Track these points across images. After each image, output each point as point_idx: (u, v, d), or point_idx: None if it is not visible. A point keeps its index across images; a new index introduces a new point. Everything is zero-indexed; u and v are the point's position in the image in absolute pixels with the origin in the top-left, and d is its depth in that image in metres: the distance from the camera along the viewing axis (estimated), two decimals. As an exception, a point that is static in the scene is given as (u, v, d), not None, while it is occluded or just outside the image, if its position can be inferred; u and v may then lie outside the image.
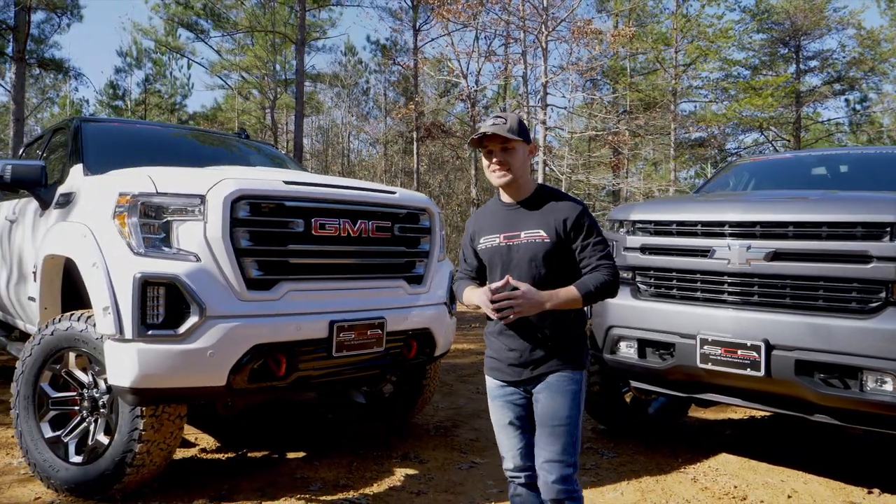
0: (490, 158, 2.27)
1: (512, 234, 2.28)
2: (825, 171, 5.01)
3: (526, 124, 2.37)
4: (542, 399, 2.23)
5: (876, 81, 23.73)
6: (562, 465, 2.17)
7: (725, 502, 3.45)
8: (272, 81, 23.28)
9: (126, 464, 3.09)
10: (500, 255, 2.30)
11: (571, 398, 2.21)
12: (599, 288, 2.19)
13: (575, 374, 2.24)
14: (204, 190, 3.03)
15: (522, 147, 2.27)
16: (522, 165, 2.28)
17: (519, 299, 2.11)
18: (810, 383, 3.23)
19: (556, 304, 2.15)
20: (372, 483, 3.58)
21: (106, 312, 2.92)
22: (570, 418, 2.20)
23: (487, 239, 2.35)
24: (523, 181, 2.30)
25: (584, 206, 2.32)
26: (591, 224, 2.27)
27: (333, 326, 3.26)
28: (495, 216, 2.37)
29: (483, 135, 2.24)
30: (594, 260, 2.22)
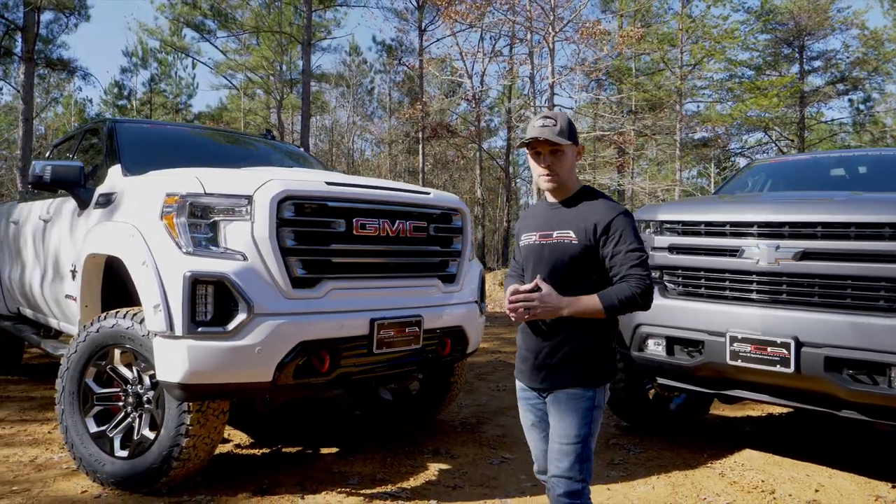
0: (538, 161, 2.22)
1: (546, 233, 2.24)
2: (844, 172, 5.09)
3: (574, 125, 2.30)
4: (552, 413, 2.20)
5: (879, 81, 23.84)
6: (570, 481, 2.12)
7: (755, 496, 3.53)
8: (278, 81, 23.35)
9: (173, 458, 3.17)
10: (533, 254, 2.27)
11: (581, 417, 2.13)
12: (625, 300, 2.05)
13: (587, 392, 2.14)
14: (251, 190, 3.11)
15: (571, 150, 2.22)
16: (570, 169, 2.24)
17: (535, 301, 2.06)
18: (839, 380, 3.31)
19: (574, 311, 2.07)
20: (408, 477, 3.66)
21: (157, 310, 3.00)
22: (579, 437, 2.12)
23: (527, 236, 2.32)
24: (569, 183, 2.26)
25: (624, 210, 2.19)
26: (627, 230, 2.13)
27: (374, 324, 3.34)
28: (538, 215, 2.35)
29: (532, 139, 2.19)
30: (624, 269, 2.09)
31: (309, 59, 18.98)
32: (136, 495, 3.25)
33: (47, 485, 3.42)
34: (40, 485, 3.42)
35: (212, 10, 20.18)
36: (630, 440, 4.50)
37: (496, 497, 3.43)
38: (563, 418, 2.15)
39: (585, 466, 2.13)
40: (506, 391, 5.97)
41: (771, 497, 3.51)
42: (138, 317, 3.28)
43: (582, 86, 18.53)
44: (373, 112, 29.51)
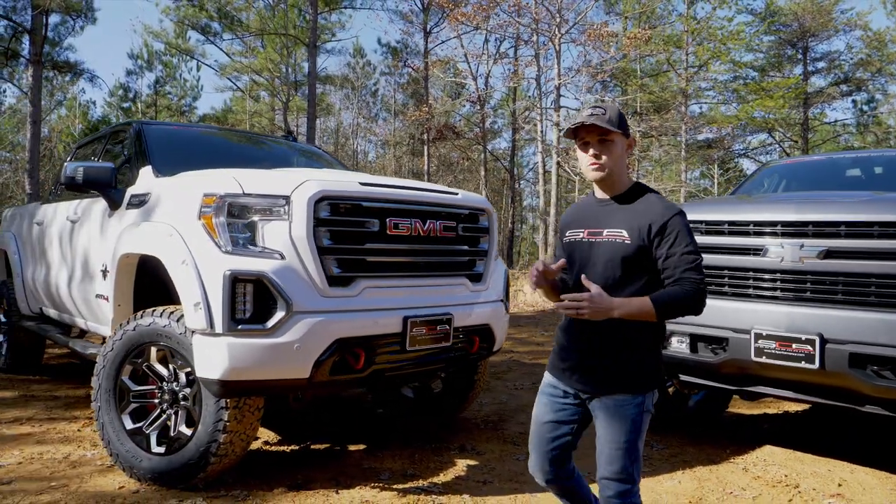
0: (586, 150, 2.14)
1: (595, 231, 2.16)
2: (860, 172, 5.15)
3: (625, 116, 2.22)
4: (600, 418, 2.15)
5: (882, 82, 23.93)
6: (620, 483, 2.11)
7: (780, 490, 3.59)
8: (283, 83, 23.43)
9: (210, 453, 3.23)
10: (580, 251, 2.20)
11: (631, 423, 2.08)
12: (678, 303, 2.01)
13: (636, 398, 2.09)
14: (289, 191, 3.17)
15: (621, 140, 2.14)
16: (619, 160, 2.14)
17: (585, 301, 1.96)
18: (863, 375, 3.37)
19: (625, 314, 1.99)
20: (438, 473, 3.72)
21: (197, 308, 3.06)
22: (629, 443, 2.09)
23: (573, 233, 2.25)
24: (618, 176, 2.16)
25: (680, 210, 2.10)
26: (683, 231, 2.06)
27: (407, 322, 3.40)
28: (585, 210, 2.27)
29: (580, 125, 2.11)
30: (678, 271, 2.02)
31: (315, 62, 19.08)
32: (173, 490, 3.31)
33: (84, 481, 3.48)
34: (77, 481, 3.47)
35: (218, 13, 20.25)
36: (651, 437, 4.56)
37: (525, 492, 3.49)
38: (611, 424, 2.10)
39: (635, 467, 2.12)
40: (523, 389, 6.03)
41: (795, 491, 3.57)
42: (175, 315, 3.35)
43: (587, 87, 18.60)
44: (377, 114, 29.62)
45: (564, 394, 2.24)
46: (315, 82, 19.39)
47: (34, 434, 4.31)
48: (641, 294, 2.04)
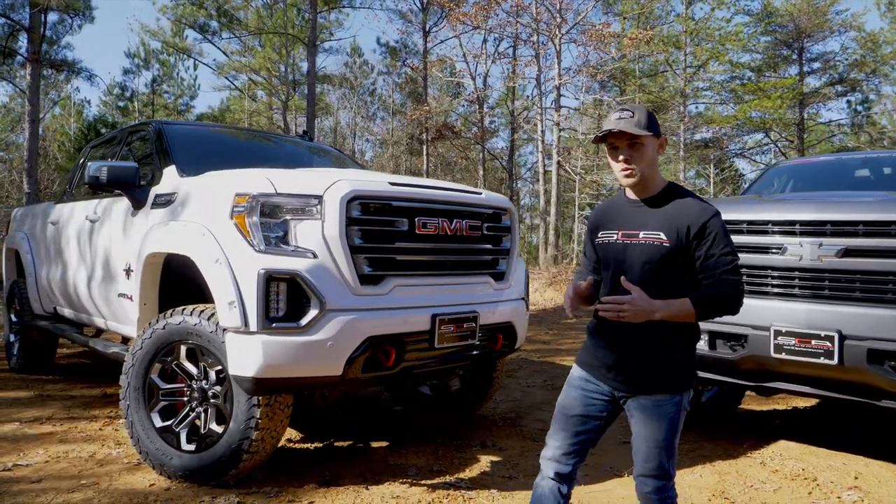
0: (616, 157, 2.13)
1: (630, 233, 2.15)
2: (868, 172, 5.24)
3: (655, 116, 2.20)
4: (637, 418, 2.15)
5: (876, 83, 24.15)
6: (656, 479, 2.14)
7: (798, 483, 3.66)
8: (280, 83, 23.41)
9: (243, 450, 3.27)
10: (614, 253, 2.18)
11: (668, 422, 2.10)
12: (718, 304, 2.04)
13: (674, 398, 2.10)
14: (321, 190, 3.21)
15: (652, 142, 2.11)
16: (651, 162, 2.13)
17: (626, 304, 1.98)
18: (881, 371, 3.44)
19: (666, 315, 2.00)
20: (463, 468, 3.77)
21: (231, 306, 3.10)
22: (666, 441, 2.11)
23: (605, 234, 2.23)
24: (651, 178, 2.15)
25: (717, 211, 2.10)
26: (721, 232, 2.07)
27: (435, 319, 3.45)
28: (618, 211, 2.25)
29: (608, 132, 2.09)
30: (717, 273, 2.04)
31: (314, 61, 19.07)
32: (204, 487, 3.35)
33: (114, 479, 3.51)
34: (107, 479, 3.50)
35: (217, 11, 20.21)
36: (667, 433, 4.62)
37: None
38: (649, 423, 2.12)
39: (671, 463, 2.15)
40: (535, 387, 6.09)
41: (814, 484, 3.64)
42: (206, 313, 3.39)
43: (587, 87, 18.70)
44: (374, 113, 29.64)
45: (597, 390, 2.22)
46: (314, 81, 19.38)
47: (56, 433, 4.34)
48: (677, 295, 2.03)
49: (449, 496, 3.34)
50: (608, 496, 3.43)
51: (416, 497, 3.30)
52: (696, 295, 2.03)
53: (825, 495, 3.49)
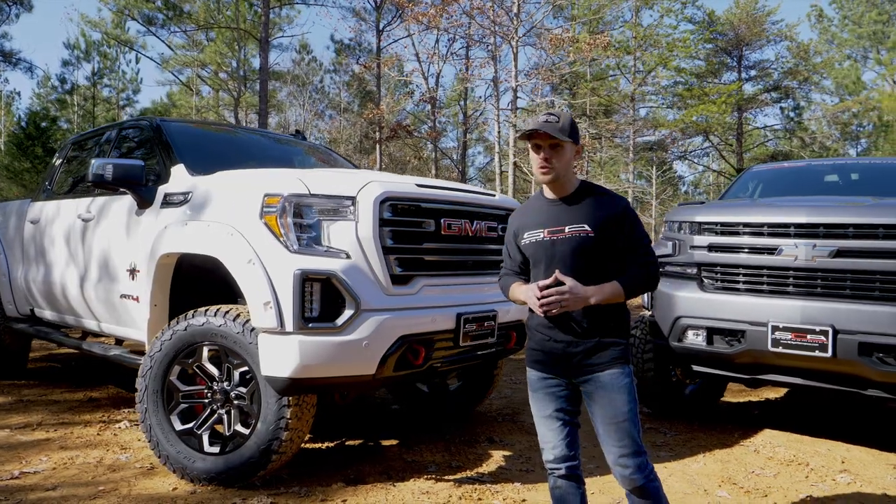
0: (538, 153, 2.30)
1: (555, 229, 2.31)
2: (837, 178, 5.60)
3: (577, 125, 2.41)
4: (599, 398, 2.27)
5: (807, 91, 25.50)
6: (633, 456, 2.22)
7: (793, 468, 3.92)
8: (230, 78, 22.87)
9: (272, 451, 3.26)
10: (543, 250, 2.32)
11: (627, 392, 2.25)
12: (642, 283, 2.30)
13: (625, 368, 2.28)
14: (354, 192, 3.24)
15: (571, 147, 2.30)
16: (568, 164, 2.31)
17: (566, 294, 2.18)
18: (870, 362, 3.72)
19: (600, 299, 2.21)
20: (479, 464, 3.86)
21: (267, 307, 3.09)
22: (631, 411, 2.24)
23: (531, 234, 2.37)
24: (567, 178, 2.33)
25: (627, 201, 2.39)
26: (634, 219, 2.33)
27: (460, 318, 3.53)
28: (539, 212, 2.41)
29: (533, 131, 2.27)
30: (638, 255, 2.30)
31: (267, 57, 18.77)
32: (231, 490, 3.32)
33: (132, 484, 3.44)
34: (125, 485, 3.43)
35: (164, 4, 19.57)
36: (660, 424, 4.85)
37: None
38: (612, 399, 2.24)
39: (640, 436, 2.28)
40: (522, 384, 6.23)
41: (808, 469, 3.91)
42: (231, 314, 3.36)
43: (538, 89, 19.05)
44: (323, 111, 29.31)
45: (556, 383, 2.35)
46: (267, 78, 19.07)
47: (53, 439, 4.20)
48: (604, 280, 2.25)
49: (476, 490, 3.42)
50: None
51: (445, 492, 3.38)
52: (624, 278, 2.27)
53: (821, 478, 3.75)
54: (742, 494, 3.49)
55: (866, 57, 27.73)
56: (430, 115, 22.18)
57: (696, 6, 21.92)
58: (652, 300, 4.64)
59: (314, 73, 28.39)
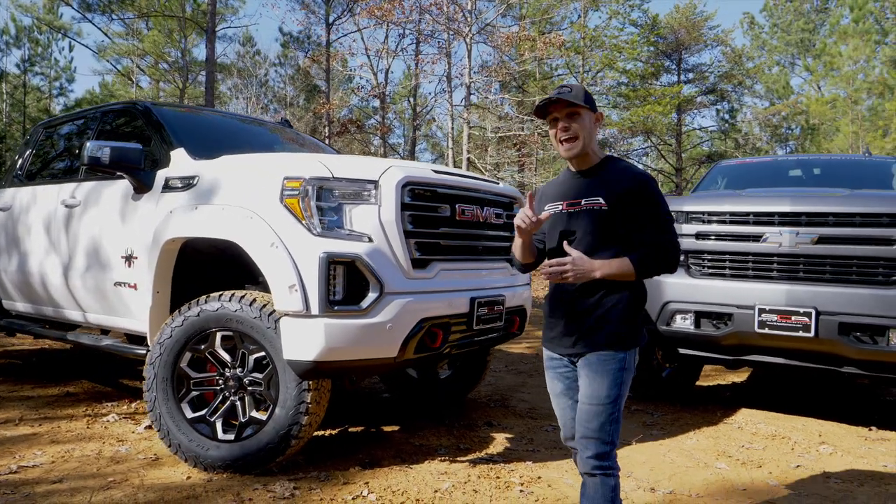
0: (556, 126, 2.24)
1: (573, 202, 2.25)
2: (800, 172, 5.95)
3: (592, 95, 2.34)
4: (582, 376, 2.21)
5: (740, 94, 26.73)
6: (597, 441, 2.13)
7: (778, 442, 4.17)
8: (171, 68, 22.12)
9: (292, 436, 3.25)
10: (560, 222, 2.27)
11: (612, 378, 2.14)
12: (656, 261, 2.15)
13: (618, 354, 2.16)
14: (376, 176, 3.26)
15: (588, 114, 2.23)
16: (590, 134, 2.24)
17: (567, 265, 2.10)
18: (848, 341, 4.01)
19: (606, 274, 2.11)
20: (486, 446, 3.95)
21: (292, 290, 3.08)
22: (609, 398, 2.13)
23: (551, 206, 2.33)
24: (591, 150, 2.27)
25: (650, 177, 2.26)
26: (656, 196, 2.20)
27: (474, 302, 3.60)
28: (561, 184, 2.37)
29: (548, 101, 2.20)
30: (655, 233, 2.17)
31: (213, 48, 18.29)
32: (248, 477, 3.29)
33: (142, 475, 3.35)
34: (134, 475, 3.34)
35: (102, -11, 18.78)
36: (645, 406, 5.05)
37: (566, 458, 3.80)
38: (593, 380, 2.15)
39: (614, 428, 2.14)
40: (502, 372, 6.36)
41: (792, 442, 4.17)
42: (247, 298, 3.33)
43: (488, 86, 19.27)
44: (267, 104, 28.67)
45: (562, 363, 2.32)
46: (214, 69, 18.60)
47: (41, 434, 4.03)
48: (618, 256, 2.15)
49: (492, 469, 3.50)
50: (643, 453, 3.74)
51: (463, 472, 3.44)
52: (637, 255, 2.14)
53: (805, 450, 4.01)
54: (739, 466, 3.70)
55: (794, 63, 29.33)
56: (380, 110, 22.10)
57: (642, 10, 22.74)
58: (642, 286, 4.82)
59: (259, 67, 27.76)
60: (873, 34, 23.88)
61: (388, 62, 21.83)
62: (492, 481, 3.34)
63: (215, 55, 19.23)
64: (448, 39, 16.63)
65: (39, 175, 5.02)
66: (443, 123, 20.12)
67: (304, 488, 3.17)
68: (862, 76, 23.75)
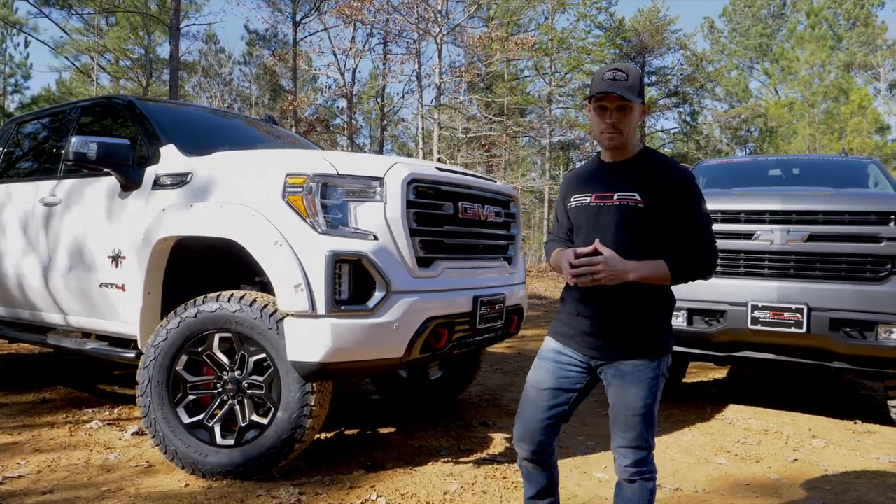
0: (603, 117, 2.07)
1: (604, 195, 2.09)
2: (780, 172, 6.08)
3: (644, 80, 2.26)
4: (615, 387, 2.09)
5: (701, 97, 27.32)
6: (636, 450, 2.07)
7: (770, 437, 4.24)
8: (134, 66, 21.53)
9: (294, 440, 3.16)
10: (587, 216, 2.12)
11: (647, 388, 2.04)
12: (693, 266, 2.03)
13: (653, 363, 2.06)
14: (381, 172, 3.20)
15: (639, 108, 2.08)
16: (634, 127, 2.11)
17: (600, 265, 1.95)
18: (839, 336, 4.09)
19: (640, 277, 1.97)
20: (487, 446, 3.91)
21: (297, 290, 2.99)
22: (645, 408, 2.04)
23: (578, 197, 2.17)
24: (630, 142, 2.13)
25: (692, 174, 2.11)
26: (697, 196, 2.07)
27: (477, 301, 3.56)
28: (591, 174, 2.21)
29: (604, 93, 2.02)
30: (692, 235, 2.05)
31: (178, 45, 17.87)
32: (249, 483, 3.19)
33: (136, 484, 3.22)
34: (129, 484, 3.21)
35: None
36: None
37: (577, 455, 3.80)
38: (628, 390, 2.05)
39: (650, 433, 2.09)
40: (489, 371, 6.33)
41: (785, 437, 4.24)
42: (247, 299, 3.23)
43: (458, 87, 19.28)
44: (231, 104, 28.16)
45: (571, 361, 2.16)
46: (178, 67, 18.19)
47: (21, 442, 3.84)
48: (651, 257, 2.01)
49: (497, 470, 3.47)
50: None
51: (469, 473, 3.40)
52: (673, 257, 2.01)
53: (799, 444, 4.08)
54: (738, 461, 3.74)
55: (752, 67, 30.12)
56: (347, 110, 21.92)
57: (609, 13, 23.05)
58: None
59: (223, 65, 27.26)
60: (829, 39, 24.67)
61: (356, 62, 21.66)
62: (499, 482, 3.31)
63: (179, 53, 18.80)
64: (418, 39, 16.57)
65: (13, 172, 4.80)
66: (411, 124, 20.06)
67: (309, 493, 3.08)
68: (818, 80, 24.50)
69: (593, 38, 22.06)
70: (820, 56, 24.21)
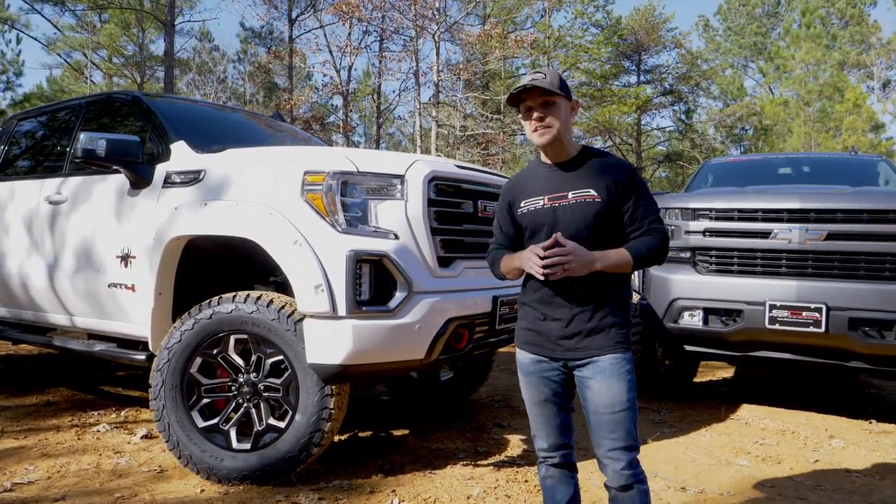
0: (530, 116, 2.11)
1: (558, 196, 2.12)
2: (790, 170, 6.04)
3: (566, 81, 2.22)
4: (597, 386, 2.07)
5: (696, 95, 27.34)
6: (627, 451, 2.06)
7: (789, 437, 4.20)
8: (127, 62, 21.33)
9: (313, 444, 3.09)
10: (543, 218, 2.14)
11: (628, 381, 2.06)
12: (651, 252, 2.09)
13: (626, 354, 2.09)
14: (402, 170, 3.13)
15: (564, 102, 2.11)
16: (565, 123, 2.12)
17: (569, 255, 1.97)
18: (857, 336, 4.06)
19: (606, 265, 2.02)
20: (504, 448, 3.85)
21: (318, 290, 2.92)
22: (630, 402, 2.05)
23: (529, 202, 2.18)
24: (567, 140, 2.15)
25: (635, 167, 2.19)
26: (643, 185, 2.16)
27: (497, 301, 3.49)
28: (537, 179, 2.22)
29: (522, 88, 2.08)
30: (646, 223, 2.11)
31: (172, 42, 17.75)
32: (266, 488, 3.11)
33: (150, 489, 3.14)
34: (142, 490, 3.13)
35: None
36: (648, 403, 5.03)
37: (592, 457, 3.73)
38: (610, 386, 2.05)
39: (636, 430, 2.10)
40: (498, 371, 6.27)
41: (802, 437, 4.19)
42: (264, 300, 3.15)
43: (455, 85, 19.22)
44: (226, 101, 28.00)
45: (550, 366, 2.18)
46: (173, 64, 18.03)
47: (28, 447, 3.75)
48: (611, 248, 2.07)
49: (517, 472, 3.41)
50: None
51: (490, 477, 3.34)
52: (630, 245, 2.09)
53: (818, 444, 4.04)
54: (760, 462, 3.70)
55: (747, 66, 30.19)
56: (343, 108, 21.81)
57: (605, 11, 23.05)
58: (644, 284, 4.81)
59: (217, 63, 27.09)
60: (823, 38, 24.74)
61: (352, 59, 21.54)
62: (521, 485, 3.25)
63: (174, 50, 18.63)
64: (415, 36, 16.48)
65: (17, 170, 4.70)
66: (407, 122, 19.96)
67: (329, 499, 3.01)
68: (813, 79, 24.56)
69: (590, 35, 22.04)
70: (814, 55, 24.26)
